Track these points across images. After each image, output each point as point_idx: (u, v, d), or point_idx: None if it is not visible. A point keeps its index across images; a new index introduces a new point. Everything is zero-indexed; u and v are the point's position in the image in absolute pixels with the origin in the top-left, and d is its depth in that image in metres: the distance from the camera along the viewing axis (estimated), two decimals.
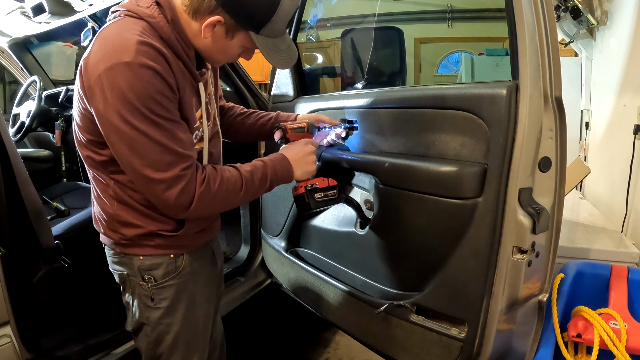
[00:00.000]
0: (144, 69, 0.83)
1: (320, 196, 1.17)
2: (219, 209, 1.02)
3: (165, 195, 0.88)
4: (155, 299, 1.06)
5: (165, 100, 0.86)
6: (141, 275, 1.05)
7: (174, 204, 0.89)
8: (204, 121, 1.03)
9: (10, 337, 1.24)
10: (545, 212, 1.04)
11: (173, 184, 0.87)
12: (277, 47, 0.98)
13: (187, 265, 1.08)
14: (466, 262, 1.11)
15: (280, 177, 1.07)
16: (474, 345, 1.12)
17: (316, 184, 1.17)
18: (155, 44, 0.86)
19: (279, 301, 2.03)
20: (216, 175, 0.94)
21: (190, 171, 0.90)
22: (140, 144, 0.85)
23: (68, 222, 1.73)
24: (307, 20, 2.47)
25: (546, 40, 0.99)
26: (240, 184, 0.98)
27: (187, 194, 0.89)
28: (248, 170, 1.01)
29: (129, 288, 1.08)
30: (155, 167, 0.86)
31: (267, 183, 1.04)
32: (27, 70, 2.78)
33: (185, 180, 0.88)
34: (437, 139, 1.17)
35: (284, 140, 1.18)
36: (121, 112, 0.83)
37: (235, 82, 2.01)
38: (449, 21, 4.75)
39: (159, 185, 0.87)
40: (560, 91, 1.02)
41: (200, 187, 0.91)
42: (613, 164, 2.16)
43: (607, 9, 2.20)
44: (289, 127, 1.19)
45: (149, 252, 1.04)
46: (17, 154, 1.34)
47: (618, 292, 1.31)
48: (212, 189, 0.93)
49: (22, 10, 2.04)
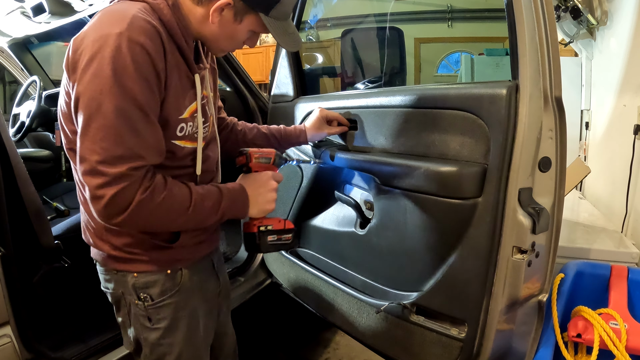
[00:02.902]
0: (133, 44, 0.77)
1: (273, 239, 1.06)
2: (157, 226, 0.90)
3: (100, 192, 0.77)
4: (153, 319, 0.98)
5: (144, 86, 0.79)
6: (136, 294, 0.97)
7: (106, 203, 0.78)
8: (199, 118, 0.95)
9: (10, 337, 1.24)
10: (545, 212, 1.04)
11: (113, 181, 0.77)
12: (285, 29, 0.94)
13: (186, 281, 1.00)
14: (466, 262, 1.11)
15: (234, 211, 0.97)
16: (474, 345, 1.12)
17: (271, 225, 1.05)
18: (152, 21, 0.81)
19: (279, 301, 2.03)
20: (163, 187, 0.84)
21: (137, 173, 0.79)
22: (98, 125, 0.76)
23: (68, 222, 1.73)
24: (307, 20, 2.47)
25: (546, 40, 0.99)
26: (187, 205, 0.87)
27: (124, 197, 0.78)
28: (201, 193, 0.90)
29: (124, 307, 1.00)
30: (102, 155, 0.76)
31: (218, 214, 0.92)
32: (27, 70, 2.78)
33: (128, 181, 0.78)
34: (437, 139, 1.17)
35: (245, 169, 1.06)
36: (93, 84, 0.76)
37: (235, 82, 2.01)
38: (449, 21, 4.75)
39: (98, 178, 0.77)
40: (560, 91, 1.02)
41: (142, 194, 0.79)
42: (613, 164, 2.16)
43: (607, 9, 2.20)
44: (254, 155, 1.06)
45: (143, 268, 0.96)
46: (17, 154, 1.34)
47: (618, 292, 1.31)
48: (155, 200, 0.81)
49: (22, 10, 2.04)
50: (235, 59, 2.02)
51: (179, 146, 0.92)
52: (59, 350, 1.40)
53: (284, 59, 1.80)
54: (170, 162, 0.92)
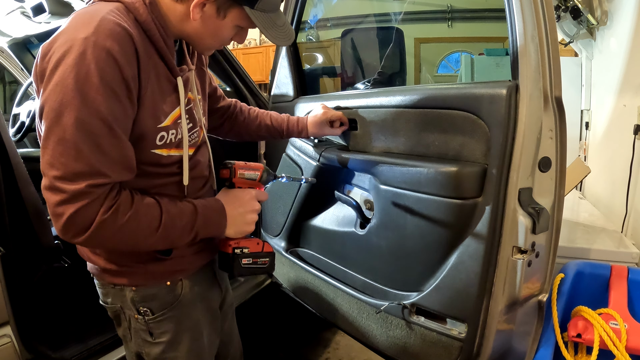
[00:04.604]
0: (98, 49, 0.71)
1: (247, 262, 0.98)
2: (123, 247, 0.83)
3: (59, 209, 0.72)
4: (155, 333, 0.94)
5: (109, 95, 0.72)
6: (135, 308, 0.93)
7: (66, 223, 0.72)
8: (183, 124, 0.88)
9: (10, 337, 1.24)
10: (545, 212, 1.04)
11: (73, 199, 0.71)
12: (274, 22, 0.87)
13: (187, 292, 0.96)
14: (466, 262, 1.11)
15: (210, 231, 0.90)
16: (474, 346, 1.12)
17: (247, 248, 0.98)
18: (123, 25, 0.75)
19: (279, 301, 2.03)
20: (129, 207, 0.77)
21: (99, 190, 0.73)
22: (57, 138, 0.71)
23: None
24: (307, 20, 2.47)
25: (546, 40, 0.99)
26: (156, 225, 0.80)
27: (84, 216, 0.72)
28: (172, 212, 0.83)
29: (125, 322, 0.96)
30: (60, 171, 0.71)
31: (192, 234, 0.86)
32: (27, 70, 2.77)
33: (88, 199, 0.72)
34: (437, 139, 1.17)
35: (228, 184, 0.99)
36: (54, 93, 0.71)
37: (235, 82, 2.01)
38: (449, 21, 4.75)
39: (57, 194, 0.71)
40: (560, 91, 1.02)
41: (104, 214, 0.73)
42: (613, 164, 2.16)
43: (607, 9, 2.20)
44: (239, 170, 0.98)
45: (141, 281, 0.91)
46: (17, 154, 1.34)
47: (618, 292, 1.31)
48: (119, 220, 0.75)
49: (22, 10, 2.04)
50: (235, 59, 2.02)
51: (162, 155, 0.86)
52: (59, 350, 1.40)
53: (284, 59, 1.80)
54: (156, 170, 0.87)
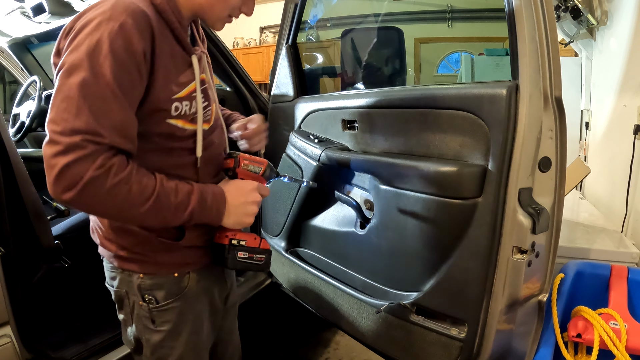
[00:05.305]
0: (112, 22, 0.76)
1: (243, 256, 0.96)
2: (111, 212, 0.82)
3: (53, 161, 0.73)
4: (157, 321, 0.96)
5: (117, 64, 0.76)
6: (141, 295, 0.94)
7: (58, 175, 0.73)
8: (198, 97, 0.90)
9: (10, 337, 1.24)
10: (545, 212, 1.04)
11: (67, 150, 0.73)
12: None
13: (193, 285, 0.97)
14: (466, 262, 1.11)
15: (206, 216, 0.89)
16: (474, 345, 1.12)
17: (245, 241, 0.96)
18: (140, 4, 0.80)
19: (279, 301, 2.03)
20: (122, 169, 0.77)
21: (93, 147, 0.74)
22: (62, 96, 0.75)
23: (68, 222, 1.73)
24: (307, 20, 2.47)
25: (546, 40, 0.99)
26: (148, 195, 0.80)
27: (75, 170, 0.73)
28: (167, 186, 0.83)
29: (127, 307, 0.97)
30: (60, 126, 0.74)
31: (186, 214, 0.85)
32: (27, 70, 2.78)
33: (81, 152, 0.73)
34: (437, 139, 1.17)
35: (231, 174, 0.98)
36: (69, 58, 0.76)
37: (235, 82, 2.01)
38: (449, 21, 4.74)
39: (53, 146, 0.74)
40: (560, 91, 1.02)
41: (95, 170, 0.74)
42: (613, 164, 2.16)
43: (607, 9, 2.20)
44: (243, 161, 0.97)
45: (151, 270, 0.93)
46: (17, 154, 1.34)
47: (618, 292, 1.31)
48: (109, 180, 0.75)
49: (22, 10, 2.04)
50: (235, 59, 2.02)
51: (178, 127, 0.88)
52: (59, 350, 1.40)
53: (284, 59, 1.80)
54: (170, 144, 0.89)
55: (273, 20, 6.24)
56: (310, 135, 1.61)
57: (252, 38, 6.92)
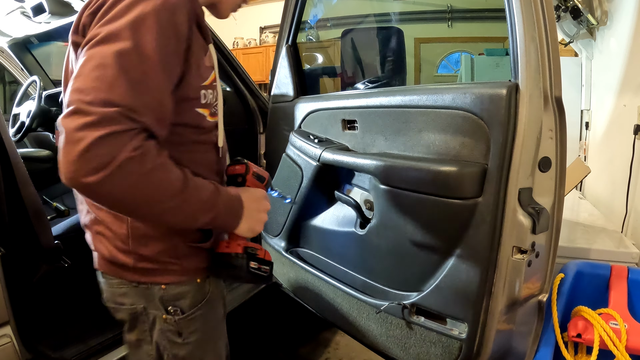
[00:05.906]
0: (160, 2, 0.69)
1: (254, 267, 0.90)
2: (138, 203, 0.69)
3: (79, 134, 0.60)
4: (184, 333, 0.88)
5: (160, 40, 0.68)
6: (164, 307, 0.86)
7: (85, 150, 0.60)
8: (219, 88, 0.86)
9: (10, 337, 1.24)
10: (545, 212, 1.04)
11: (101, 122, 0.61)
12: None
13: (214, 289, 0.92)
14: (466, 262, 1.11)
15: (227, 219, 0.83)
16: (474, 345, 1.12)
17: (257, 250, 0.90)
18: None
19: (279, 301, 2.03)
20: (156, 154, 0.68)
21: (129, 123, 0.64)
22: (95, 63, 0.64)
23: (68, 222, 1.73)
24: (307, 20, 2.47)
25: (546, 40, 0.99)
26: (181, 186, 0.71)
27: (110, 146, 0.61)
28: (197, 181, 0.76)
29: (145, 324, 0.88)
30: (91, 95, 0.62)
31: (211, 213, 0.78)
32: (27, 70, 2.78)
33: (118, 126, 0.62)
34: (437, 139, 1.17)
35: (240, 180, 0.92)
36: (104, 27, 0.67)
37: (235, 82, 2.01)
38: (449, 21, 4.74)
39: (81, 117, 0.61)
40: (560, 91, 1.02)
41: (132, 151, 0.63)
42: (613, 164, 2.16)
43: (607, 9, 2.20)
44: (253, 169, 0.93)
45: (174, 279, 0.85)
46: (17, 154, 1.34)
47: (618, 292, 1.31)
48: (145, 164, 0.65)
49: (22, 10, 2.05)
50: (235, 59, 2.02)
51: (205, 116, 0.82)
52: (59, 350, 1.40)
53: (284, 59, 1.80)
54: (197, 137, 0.83)
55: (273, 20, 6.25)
56: (310, 135, 1.61)
57: (252, 38, 6.92)
